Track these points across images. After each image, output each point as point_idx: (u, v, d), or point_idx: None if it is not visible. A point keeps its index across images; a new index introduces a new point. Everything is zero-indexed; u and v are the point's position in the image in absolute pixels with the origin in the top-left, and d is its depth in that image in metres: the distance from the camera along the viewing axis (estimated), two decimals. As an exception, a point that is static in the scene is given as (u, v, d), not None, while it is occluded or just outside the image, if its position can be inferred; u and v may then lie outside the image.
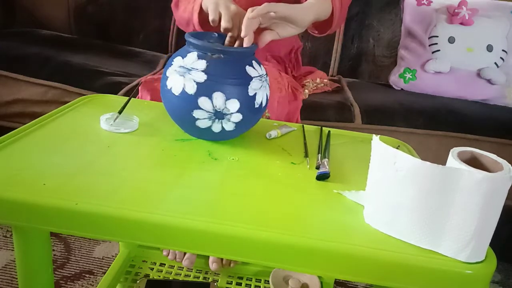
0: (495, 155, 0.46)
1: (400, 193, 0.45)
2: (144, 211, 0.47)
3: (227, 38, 0.74)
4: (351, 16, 1.66)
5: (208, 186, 0.55)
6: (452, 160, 0.45)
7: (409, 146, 0.76)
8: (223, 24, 0.72)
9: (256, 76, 0.65)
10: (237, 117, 0.64)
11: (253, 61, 0.67)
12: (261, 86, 0.66)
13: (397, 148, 0.45)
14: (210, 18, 0.76)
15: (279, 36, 0.77)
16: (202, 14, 0.88)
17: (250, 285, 0.95)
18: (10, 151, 0.58)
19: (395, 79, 1.53)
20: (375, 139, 0.47)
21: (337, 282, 1.21)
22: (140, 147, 0.64)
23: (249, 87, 0.64)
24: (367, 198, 0.51)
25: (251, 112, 0.65)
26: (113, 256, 1.21)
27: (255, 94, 0.64)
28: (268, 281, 0.92)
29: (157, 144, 0.65)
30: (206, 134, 0.67)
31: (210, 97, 0.62)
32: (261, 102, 0.66)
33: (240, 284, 0.95)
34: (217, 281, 0.95)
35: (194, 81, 0.62)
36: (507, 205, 0.48)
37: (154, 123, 0.73)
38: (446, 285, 0.45)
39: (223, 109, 0.62)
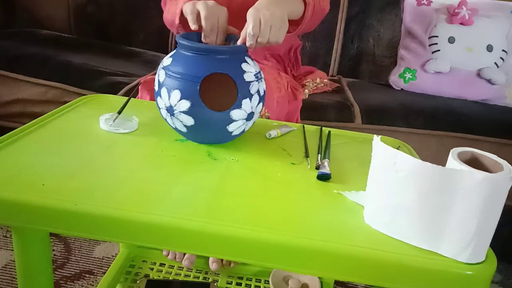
0: (495, 156, 0.46)
1: (400, 194, 0.45)
2: (144, 212, 0.47)
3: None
4: (351, 16, 1.66)
5: (208, 186, 0.55)
6: (452, 161, 0.45)
7: (409, 147, 0.76)
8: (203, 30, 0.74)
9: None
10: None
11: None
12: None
13: (397, 149, 0.45)
14: (191, 26, 0.77)
15: None
16: (184, 17, 0.88)
17: (250, 285, 0.95)
18: (10, 151, 0.57)
19: (395, 79, 1.53)
20: (376, 139, 0.47)
21: (337, 282, 1.20)
22: (140, 147, 0.64)
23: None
24: (367, 198, 0.51)
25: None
26: (113, 256, 1.21)
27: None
28: (268, 281, 0.92)
29: (157, 144, 0.65)
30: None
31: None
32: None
33: (240, 284, 0.95)
34: (217, 281, 0.95)
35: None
36: (507, 205, 0.47)
37: (154, 123, 0.73)
38: (446, 286, 0.44)
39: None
